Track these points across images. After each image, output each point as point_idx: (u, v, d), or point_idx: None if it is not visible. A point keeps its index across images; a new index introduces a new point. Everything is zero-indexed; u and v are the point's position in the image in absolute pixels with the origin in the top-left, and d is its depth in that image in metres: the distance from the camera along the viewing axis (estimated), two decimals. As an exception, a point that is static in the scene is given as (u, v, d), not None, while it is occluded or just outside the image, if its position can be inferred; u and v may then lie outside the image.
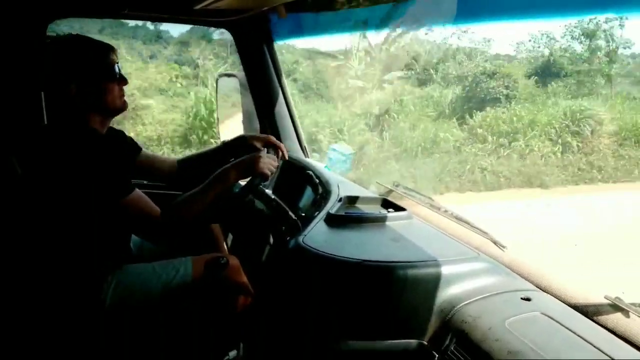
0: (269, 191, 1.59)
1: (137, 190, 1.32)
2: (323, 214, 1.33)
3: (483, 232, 1.28)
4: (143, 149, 1.66)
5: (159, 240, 1.42)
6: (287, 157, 1.61)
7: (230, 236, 1.91)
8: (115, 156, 1.37)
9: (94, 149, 1.29)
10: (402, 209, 1.38)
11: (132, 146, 1.62)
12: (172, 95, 10.12)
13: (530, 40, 10.71)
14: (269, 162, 1.44)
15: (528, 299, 0.99)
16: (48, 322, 1.32)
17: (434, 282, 1.04)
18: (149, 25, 11.14)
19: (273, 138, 1.60)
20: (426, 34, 9.18)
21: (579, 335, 0.85)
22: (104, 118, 1.41)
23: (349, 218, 1.31)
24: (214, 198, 1.38)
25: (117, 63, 1.39)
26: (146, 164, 1.63)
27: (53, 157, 1.26)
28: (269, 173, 1.44)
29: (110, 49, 1.38)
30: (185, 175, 1.65)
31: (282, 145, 1.59)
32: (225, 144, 1.70)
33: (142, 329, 1.38)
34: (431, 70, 10.41)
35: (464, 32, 10.40)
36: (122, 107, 1.43)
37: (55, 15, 1.79)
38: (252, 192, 1.47)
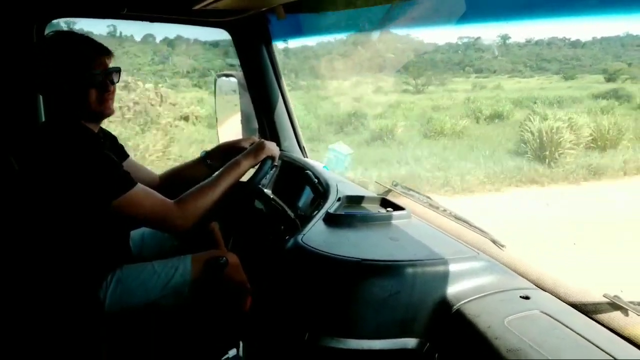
0: (268, 191, 1.60)
1: (140, 184, 1.31)
2: (322, 213, 1.33)
3: (482, 231, 1.28)
4: (130, 157, 1.64)
5: (177, 232, 1.41)
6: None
7: (230, 235, 1.91)
8: (111, 152, 1.36)
9: (90, 146, 1.28)
10: (401, 208, 1.38)
11: (120, 151, 1.59)
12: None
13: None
14: (273, 146, 1.51)
15: (527, 298, 0.99)
16: (48, 322, 1.32)
17: (433, 281, 1.04)
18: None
19: (255, 138, 1.62)
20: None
21: (578, 334, 0.85)
22: (91, 119, 1.37)
23: (348, 217, 1.31)
24: (226, 189, 1.38)
25: (109, 66, 1.34)
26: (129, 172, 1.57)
27: (49, 155, 1.25)
28: (277, 155, 1.52)
29: (102, 51, 1.33)
30: (168, 191, 1.63)
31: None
32: (208, 154, 1.68)
33: (142, 328, 1.38)
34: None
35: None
36: (104, 112, 1.35)
37: (53, 15, 1.79)
38: (264, 176, 1.50)
